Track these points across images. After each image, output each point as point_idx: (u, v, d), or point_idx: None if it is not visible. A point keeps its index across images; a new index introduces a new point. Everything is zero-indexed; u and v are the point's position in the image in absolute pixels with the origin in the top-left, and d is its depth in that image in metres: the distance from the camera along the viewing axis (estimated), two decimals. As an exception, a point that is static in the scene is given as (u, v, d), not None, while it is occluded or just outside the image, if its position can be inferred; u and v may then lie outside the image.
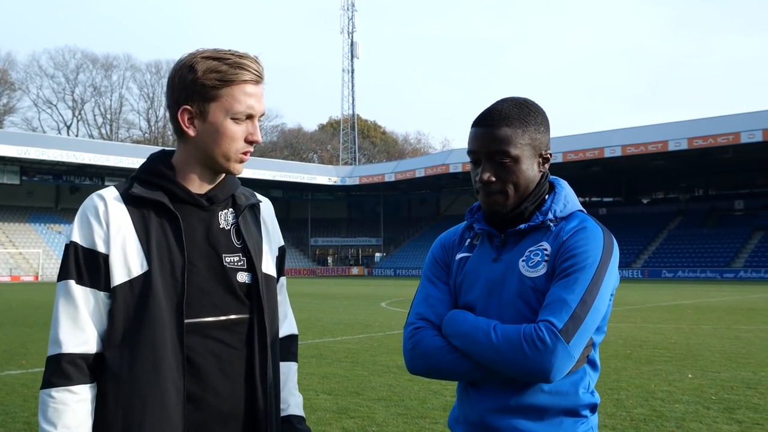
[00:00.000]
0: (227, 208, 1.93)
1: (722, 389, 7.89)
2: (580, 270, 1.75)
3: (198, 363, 1.78)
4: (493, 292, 1.86)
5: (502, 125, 1.84)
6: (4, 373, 9.37)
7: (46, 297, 28.80)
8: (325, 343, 12.45)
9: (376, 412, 6.86)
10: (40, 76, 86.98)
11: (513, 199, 1.87)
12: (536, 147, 1.88)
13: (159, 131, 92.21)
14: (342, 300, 26.48)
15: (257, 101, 1.84)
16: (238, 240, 1.90)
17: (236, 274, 1.86)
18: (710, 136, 48.46)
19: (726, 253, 53.30)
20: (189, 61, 1.82)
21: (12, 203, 62.31)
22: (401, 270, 67.29)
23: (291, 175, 67.14)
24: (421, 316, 1.92)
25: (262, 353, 1.88)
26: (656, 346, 11.69)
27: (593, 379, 1.88)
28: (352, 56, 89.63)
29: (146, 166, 1.90)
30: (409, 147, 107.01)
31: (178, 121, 1.83)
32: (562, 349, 1.68)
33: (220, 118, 1.81)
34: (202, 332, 1.80)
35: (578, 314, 1.70)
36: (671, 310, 20.07)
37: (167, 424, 1.72)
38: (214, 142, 1.82)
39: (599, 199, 70.58)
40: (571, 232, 1.83)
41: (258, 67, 1.84)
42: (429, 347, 1.85)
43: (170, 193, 1.84)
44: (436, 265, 2.03)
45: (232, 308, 1.85)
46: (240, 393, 1.83)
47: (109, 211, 1.78)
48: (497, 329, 1.75)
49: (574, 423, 1.82)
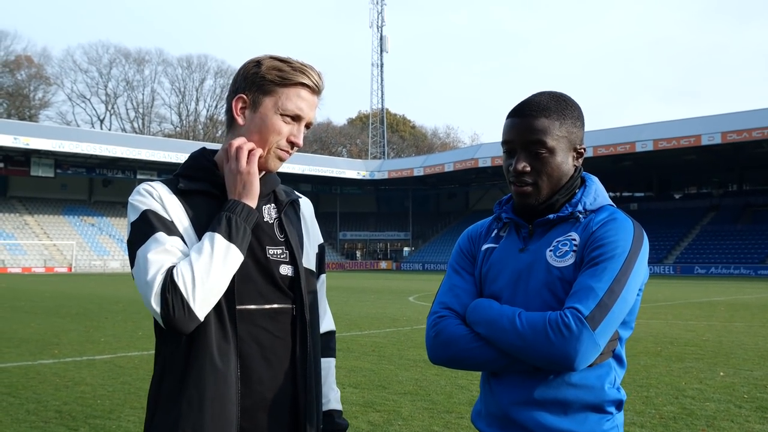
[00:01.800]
0: (270, 203, 1.97)
1: (755, 388, 7.75)
2: (608, 259, 1.73)
3: (245, 350, 1.82)
4: (520, 282, 1.84)
5: (540, 116, 1.83)
6: (37, 362, 9.53)
7: (78, 288, 29.28)
8: (353, 337, 12.47)
9: (402, 406, 6.85)
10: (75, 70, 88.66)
11: (545, 191, 1.86)
12: (572, 141, 1.87)
13: (190, 125, 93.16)
14: (370, 294, 26.55)
15: (308, 107, 1.91)
16: (281, 234, 1.94)
17: (279, 267, 1.90)
18: (744, 130, 47.66)
19: (760, 249, 52.36)
20: (258, 58, 1.91)
21: (47, 196, 63.42)
22: (429, 264, 67.21)
23: (320, 169, 67.43)
24: (446, 305, 1.92)
25: (303, 344, 1.91)
26: (687, 344, 11.52)
27: (619, 375, 1.84)
28: (381, 50, 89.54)
29: (189, 163, 1.96)
30: (438, 141, 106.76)
31: (232, 109, 1.90)
32: (588, 336, 1.65)
33: (270, 111, 1.87)
34: (247, 319, 1.83)
35: (605, 302, 1.68)
36: (703, 307, 19.78)
37: (228, 401, 1.76)
38: (258, 133, 1.87)
39: (630, 194, 69.76)
40: (600, 222, 1.82)
41: (318, 79, 1.91)
42: (452, 335, 1.83)
43: (215, 184, 1.89)
44: (462, 256, 2.02)
45: (276, 298, 1.88)
46: (282, 381, 1.86)
47: (163, 198, 1.83)
48: (522, 316, 1.73)
49: (600, 419, 1.78)
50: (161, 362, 1.82)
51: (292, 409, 1.87)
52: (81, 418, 6.33)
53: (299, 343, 1.90)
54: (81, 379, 8.26)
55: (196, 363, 1.75)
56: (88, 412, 6.58)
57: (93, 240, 61.57)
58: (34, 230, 59.80)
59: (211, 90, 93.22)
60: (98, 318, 15.86)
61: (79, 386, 7.81)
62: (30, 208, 62.19)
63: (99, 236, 62.37)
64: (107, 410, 6.65)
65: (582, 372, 1.75)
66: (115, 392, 7.49)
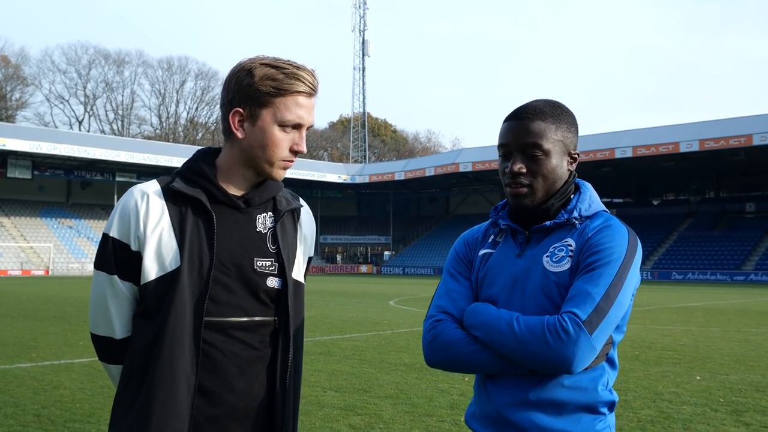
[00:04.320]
0: (266, 212, 1.95)
1: (730, 392, 7.86)
2: (605, 265, 1.77)
3: (218, 360, 1.83)
4: (516, 287, 1.87)
5: (536, 119, 1.88)
6: (14, 366, 9.43)
7: (56, 291, 28.97)
8: (333, 341, 12.47)
9: (383, 409, 6.87)
10: (53, 71, 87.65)
11: (540, 194, 1.89)
12: (567, 145, 1.92)
13: (170, 127, 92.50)
14: (350, 298, 26.50)
15: (307, 113, 1.89)
16: (273, 245, 1.93)
17: (266, 279, 1.89)
18: (722, 138, 48.26)
19: (736, 255, 53.01)
20: (248, 65, 1.86)
21: (24, 198, 62.66)
22: (410, 269, 67.27)
23: (301, 172, 67.21)
24: (442, 309, 1.93)
25: (284, 356, 1.91)
26: (665, 348, 11.65)
27: (612, 377, 1.89)
28: (364, 54, 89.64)
29: (190, 164, 1.94)
30: (420, 146, 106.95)
31: (229, 122, 1.87)
32: (585, 340, 1.69)
33: (269, 124, 1.85)
34: (225, 331, 1.84)
35: (602, 307, 1.73)
36: (680, 312, 19.99)
37: (175, 418, 1.76)
38: (260, 147, 1.86)
39: (609, 200, 70.25)
40: (596, 229, 1.86)
41: (313, 81, 1.88)
42: (449, 339, 1.85)
43: (208, 193, 1.88)
44: (459, 261, 2.04)
45: (258, 311, 1.88)
46: (257, 392, 1.87)
47: (149, 209, 1.83)
48: (520, 320, 1.76)
49: (593, 420, 1.82)
50: (126, 370, 1.86)
51: (267, 421, 1.89)
52: (60, 422, 6.28)
53: (280, 355, 1.90)
54: (59, 382, 8.19)
55: (149, 374, 1.78)
56: (67, 416, 6.53)
57: (71, 242, 60.94)
58: (10, 232, 59.06)
59: (192, 92, 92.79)
60: (76, 321, 15.70)
61: (58, 390, 7.74)
62: (6, 210, 61.41)
63: (77, 239, 61.73)
64: (86, 414, 6.60)
65: (577, 374, 1.78)
66: (94, 396, 7.43)
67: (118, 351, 1.90)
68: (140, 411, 1.77)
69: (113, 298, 1.86)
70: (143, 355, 1.80)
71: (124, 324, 1.88)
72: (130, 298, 1.86)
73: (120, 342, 1.89)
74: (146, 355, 1.80)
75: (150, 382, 1.77)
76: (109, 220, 1.88)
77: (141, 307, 1.84)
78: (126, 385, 1.84)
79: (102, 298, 1.87)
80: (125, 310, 1.87)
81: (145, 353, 1.80)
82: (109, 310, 1.87)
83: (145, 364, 1.79)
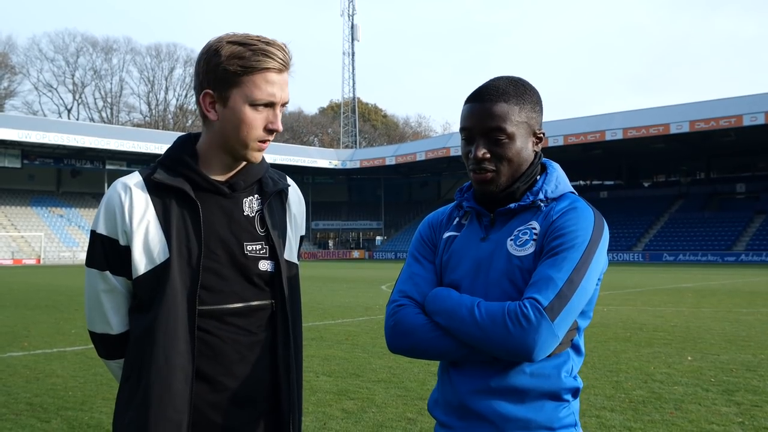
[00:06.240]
0: (252, 195, 1.92)
1: (721, 372, 7.91)
2: (568, 249, 1.71)
3: (217, 347, 1.82)
4: (480, 271, 1.82)
5: (499, 101, 1.80)
6: (6, 354, 9.41)
7: (47, 280, 28.89)
8: (326, 326, 12.49)
9: (376, 393, 6.89)
10: (41, 59, 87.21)
11: (505, 178, 1.83)
12: (531, 126, 1.84)
13: (159, 114, 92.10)
14: (342, 283, 26.53)
15: (280, 89, 1.81)
16: (262, 228, 1.90)
17: (258, 263, 1.87)
18: (712, 119, 48.37)
19: (727, 236, 53.30)
20: (215, 45, 1.81)
21: (13, 187, 62.32)
22: (402, 253, 67.31)
23: (291, 158, 67.10)
24: (405, 293, 1.88)
25: (284, 338, 1.91)
26: (656, 329, 11.71)
27: (577, 364, 1.83)
28: (353, 39, 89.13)
29: (170, 152, 1.90)
30: (410, 130, 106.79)
31: (201, 105, 1.84)
32: (546, 327, 1.63)
33: (240, 104, 1.79)
34: (222, 318, 1.83)
35: (564, 293, 1.66)
36: (672, 294, 20.10)
37: (172, 409, 1.76)
38: (233, 128, 1.81)
39: (600, 182, 70.51)
40: (561, 211, 1.79)
41: (283, 55, 1.81)
42: (411, 325, 1.80)
43: (192, 181, 1.84)
44: (423, 244, 1.98)
45: (253, 295, 1.87)
46: (260, 376, 1.86)
47: (134, 203, 1.81)
48: (481, 306, 1.70)
49: (556, 407, 1.77)
50: (126, 364, 1.86)
51: (273, 404, 1.88)
52: (53, 410, 6.27)
53: (281, 338, 1.90)
54: (52, 371, 8.17)
55: (146, 367, 1.77)
56: (59, 404, 6.52)
57: (62, 231, 60.72)
58: (1, 222, 58.78)
59: (181, 79, 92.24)
60: (68, 310, 15.67)
61: (50, 378, 7.73)
62: (-4, 199, 61.16)
63: (68, 227, 61.51)
64: (79, 402, 6.59)
65: (540, 361, 1.73)
66: (86, 384, 7.42)
67: (117, 346, 1.90)
68: (139, 405, 1.77)
69: (107, 294, 1.85)
70: (140, 349, 1.80)
71: (120, 319, 1.87)
72: (124, 292, 1.86)
73: (117, 337, 1.89)
74: (142, 348, 1.79)
75: (147, 375, 1.77)
76: (95, 216, 1.86)
77: (135, 301, 1.84)
78: (127, 378, 1.84)
79: (95, 295, 1.87)
80: (120, 305, 1.87)
81: (141, 347, 1.80)
82: (104, 306, 1.86)
83: (142, 357, 1.79)
